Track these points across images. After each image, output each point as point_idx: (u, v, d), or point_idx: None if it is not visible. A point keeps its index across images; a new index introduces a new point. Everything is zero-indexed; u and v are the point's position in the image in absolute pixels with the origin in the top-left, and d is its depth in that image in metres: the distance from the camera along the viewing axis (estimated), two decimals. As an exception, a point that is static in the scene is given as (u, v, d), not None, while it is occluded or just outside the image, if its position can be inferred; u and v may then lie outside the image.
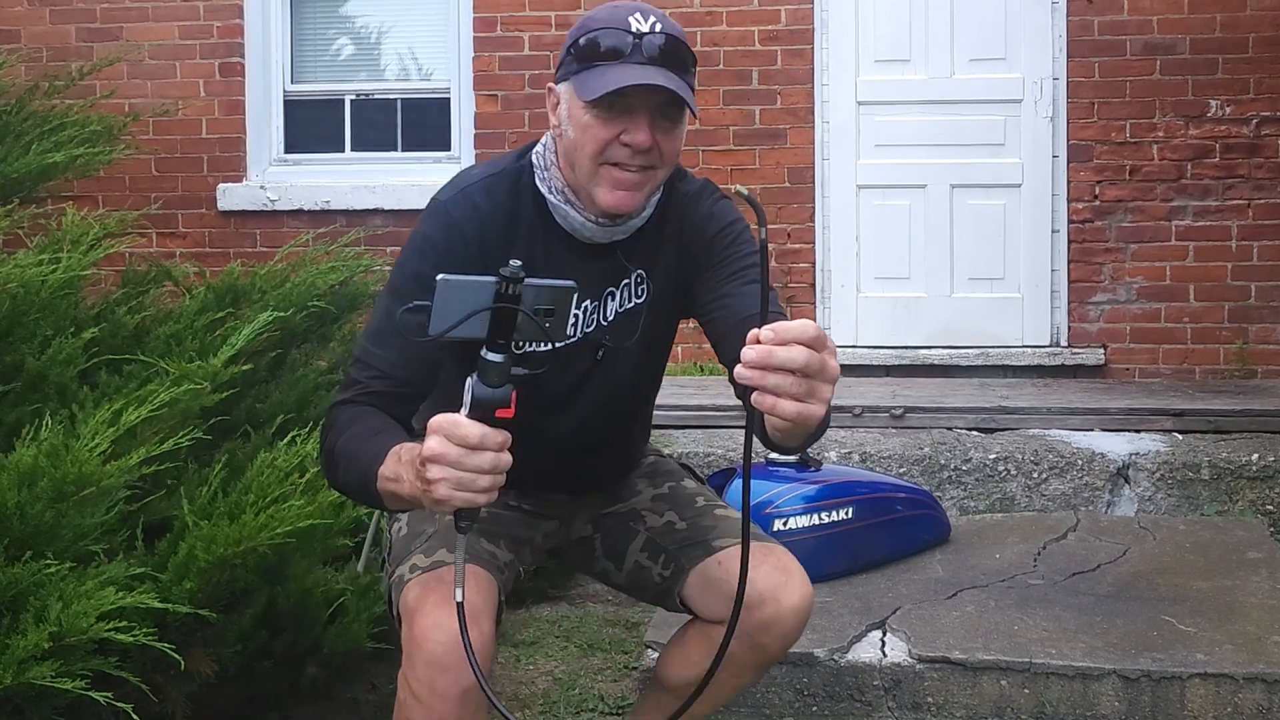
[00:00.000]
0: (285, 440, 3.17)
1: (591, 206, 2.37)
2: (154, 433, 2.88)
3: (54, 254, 3.37)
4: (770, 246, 6.58)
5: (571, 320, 2.40)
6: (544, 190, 2.41)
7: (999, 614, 3.70)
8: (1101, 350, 6.45)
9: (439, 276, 1.92)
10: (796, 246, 6.68)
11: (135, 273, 4.17)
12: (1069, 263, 6.54)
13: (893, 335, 6.65)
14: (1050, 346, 6.55)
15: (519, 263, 1.91)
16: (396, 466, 2.11)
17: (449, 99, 6.99)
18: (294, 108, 7.14)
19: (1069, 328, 6.55)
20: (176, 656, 2.57)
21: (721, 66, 6.68)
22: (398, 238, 6.76)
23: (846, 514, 4.06)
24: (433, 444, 1.94)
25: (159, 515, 2.97)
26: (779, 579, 2.40)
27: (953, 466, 4.85)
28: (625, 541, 2.66)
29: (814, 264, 6.69)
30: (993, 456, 4.86)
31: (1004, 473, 4.83)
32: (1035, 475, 4.82)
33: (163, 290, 4.21)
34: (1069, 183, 6.53)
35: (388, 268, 5.49)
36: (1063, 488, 4.81)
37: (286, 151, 7.11)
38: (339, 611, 3.11)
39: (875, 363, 6.55)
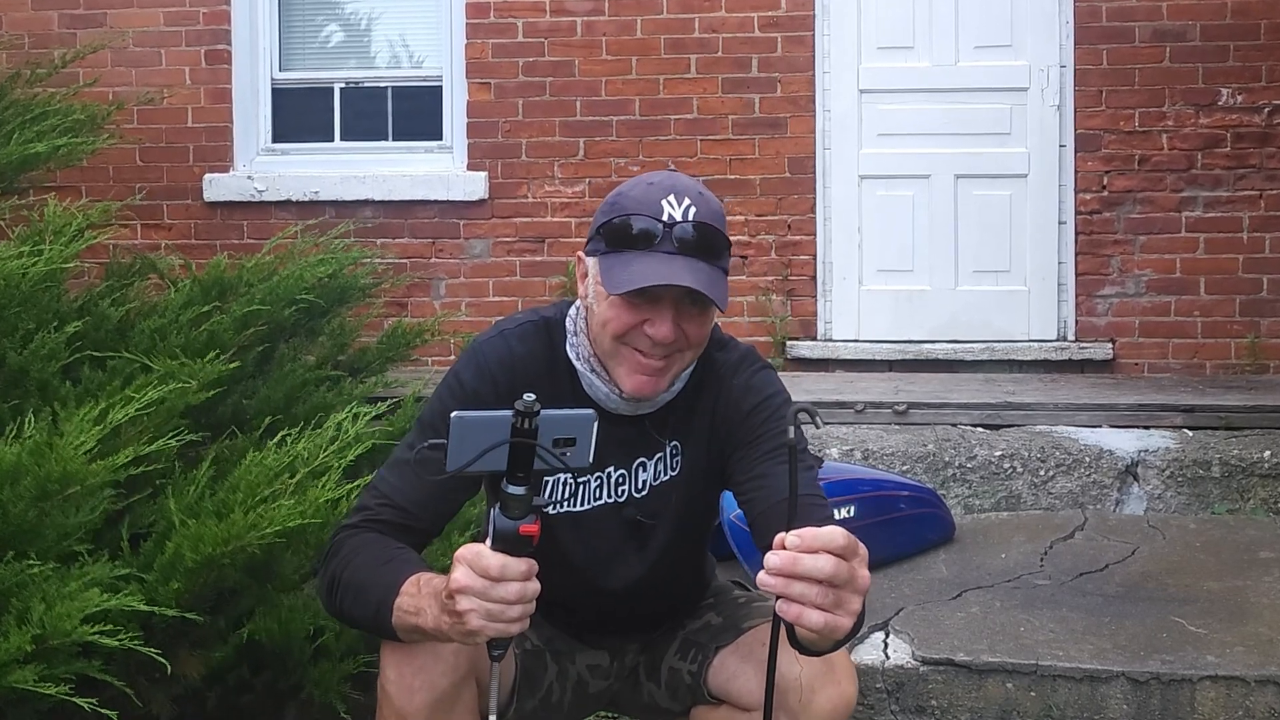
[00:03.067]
0: (275, 440, 3.16)
1: (614, 383, 2.39)
2: (140, 431, 2.88)
3: (35, 246, 3.37)
4: (771, 237, 6.53)
5: (597, 481, 2.47)
6: (571, 356, 2.44)
7: (1004, 615, 3.71)
8: (1109, 345, 6.45)
9: (453, 414, 1.95)
10: (797, 238, 6.67)
11: (119, 265, 4.17)
12: (1076, 255, 6.53)
13: (895, 329, 6.64)
14: (1057, 341, 6.54)
15: (533, 396, 1.92)
16: (417, 599, 2.14)
17: (441, 87, 6.97)
18: (282, 96, 7.11)
19: (1076, 321, 6.55)
20: (162, 660, 2.56)
21: (720, 54, 6.67)
22: (388, 229, 6.78)
23: (849, 513, 4.06)
24: (459, 575, 1.97)
25: (146, 517, 2.97)
26: (820, 669, 2.35)
27: (957, 464, 4.85)
28: (663, 651, 2.67)
29: (815, 256, 6.68)
30: (998, 454, 4.86)
31: (1010, 470, 4.83)
32: (1042, 473, 4.82)
33: (147, 283, 4.21)
34: (1076, 173, 6.52)
35: (377, 260, 5.51)
36: (1070, 486, 4.81)
37: (274, 141, 7.09)
38: (321, 651, 3.06)
39: (878, 357, 6.55)
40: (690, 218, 2.28)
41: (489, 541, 1.96)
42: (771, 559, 1.76)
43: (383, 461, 2.55)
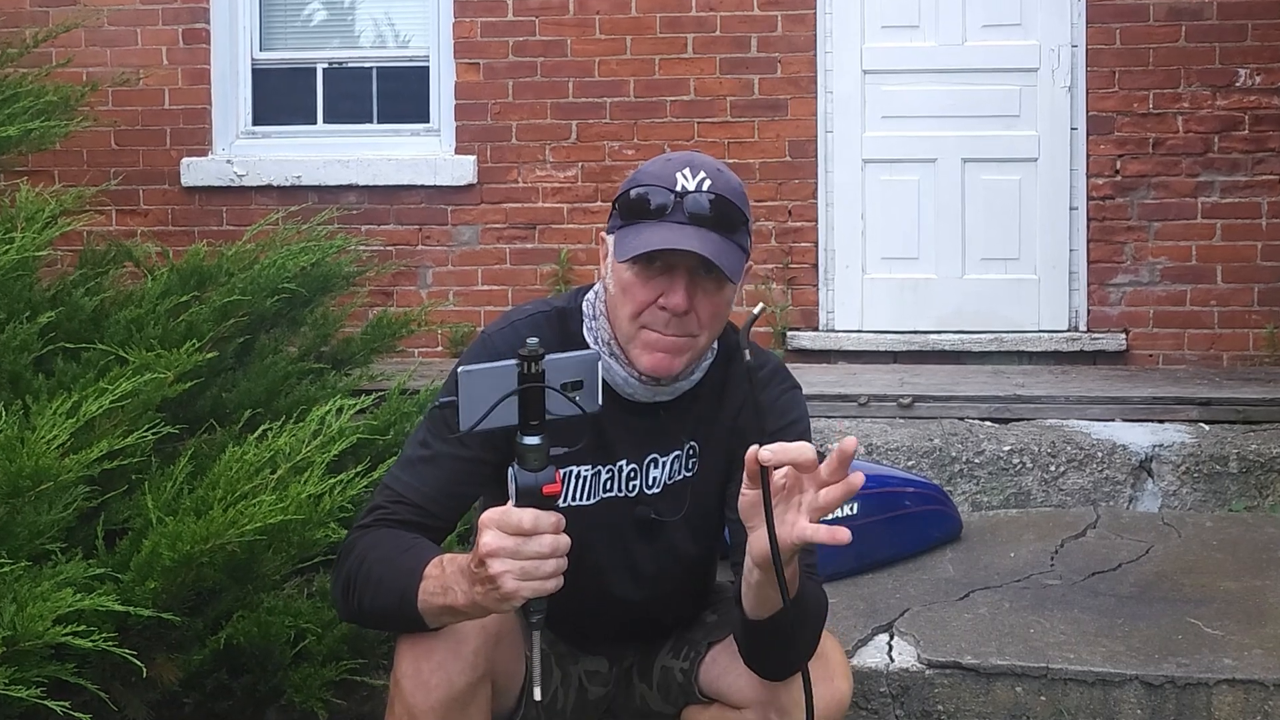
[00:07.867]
0: (255, 435, 3.16)
1: (633, 365, 2.42)
2: (114, 425, 2.87)
3: (7, 233, 3.36)
4: (771, 224, 6.51)
5: (608, 474, 2.49)
6: (590, 340, 2.47)
7: (1014, 616, 3.71)
8: (1123, 335, 6.46)
9: (460, 369, 1.98)
10: (798, 225, 6.67)
11: (93, 252, 4.16)
12: (1088, 242, 6.54)
13: (900, 319, 6.65)
14: (1068, 331, 6.55)
15: (536, 340, 1.97)
16: (442, 579, 2.16)
17: (427, 67, 6.96)
18: (262, 77, 7.10)
19: (1088, 311, 6.55)
20: (138, 663, 2.56)
21: (718, 33, 6.67)
22: (373, 215, 6.78)
23: (851, 510, 4.06)
24: (488, 539, 1.99)
25: (121, 514, 2.96)
26: (815, 667, 2.36)
27: (964, 459, 4.85)
28: (657, 650, 2.68)
29: (816, 243, 6.68)
30: (1007, 448, 4.87)
31: (1019, 466, 4.83)
32: (1052, 468, 4.82)
33: (123, 271, 4.20)
34: (1088, 156, 6.52)
35: (362, 247, 5.50)
36: (1082, 482, 4.81)
37: (254, 123, 7.09)
38: (302, 655, 3.05)
39: (882, 348, 6.56)
40: (704, 189, 2.32)
41: (512, 501, 2.00)
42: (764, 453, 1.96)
43: (367, 456, 2.56)
